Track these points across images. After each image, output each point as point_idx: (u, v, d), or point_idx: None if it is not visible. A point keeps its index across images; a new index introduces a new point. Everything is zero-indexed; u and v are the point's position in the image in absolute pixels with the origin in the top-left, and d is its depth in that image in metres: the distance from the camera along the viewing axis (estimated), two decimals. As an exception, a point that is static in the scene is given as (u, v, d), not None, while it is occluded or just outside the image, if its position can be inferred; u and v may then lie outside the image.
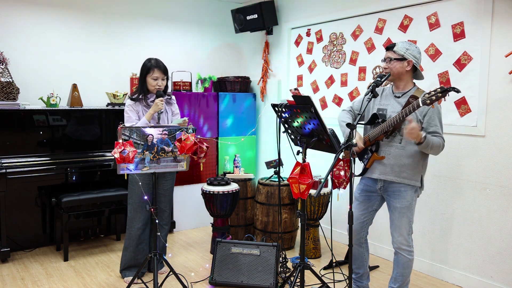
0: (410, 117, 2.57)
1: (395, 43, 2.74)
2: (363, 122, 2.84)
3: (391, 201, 2.81)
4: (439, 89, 2.46)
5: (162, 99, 3.19)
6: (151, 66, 3.24)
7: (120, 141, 2.67)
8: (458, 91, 2.42)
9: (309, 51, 4.65)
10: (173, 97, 3.48)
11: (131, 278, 3.34)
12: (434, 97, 2.46)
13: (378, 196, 2.91)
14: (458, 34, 3.32)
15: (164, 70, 3.27)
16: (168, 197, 3.42)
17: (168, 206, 3.45)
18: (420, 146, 2.62)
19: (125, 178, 2.88)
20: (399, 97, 2.79)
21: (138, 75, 3.47)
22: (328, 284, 3.05)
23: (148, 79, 3.25)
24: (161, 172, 3.22)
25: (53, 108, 4.01)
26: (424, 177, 2.83)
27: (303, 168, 2.42)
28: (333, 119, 3.58)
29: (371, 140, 2.79)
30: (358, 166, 2.91)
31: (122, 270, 3.42)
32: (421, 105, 2.50)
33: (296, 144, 2.72)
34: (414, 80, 2.82)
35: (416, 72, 2.79)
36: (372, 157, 2.80)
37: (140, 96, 3.29)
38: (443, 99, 2.52)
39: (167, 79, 3.34)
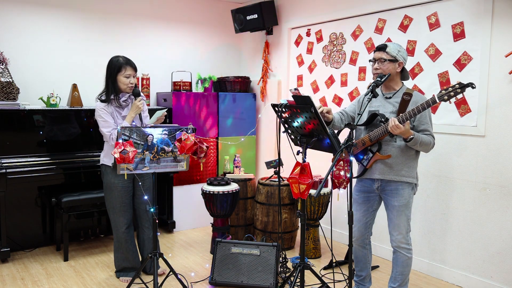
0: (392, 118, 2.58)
1: (386, 44, 2.74)
2: (360, 123, 2.84)
3: (389, 200, 2.82)
4: (457, 85, 2.45)
5: (141, 98, 3.11)
6: (122, 63, 3.12)
7: (120, 141, 2.67)
8: (474, 87, 2.44)
9: (309, 51, 4.65)
10: (142, 94, 3.36)
11: (126, 277, 3.37)
12: (452, 93, 2.45)
13: (376, 196, 2.91)
14: (458, 34, 3.32)
15: (135, 67, 3.19)
16: (148, 197, 3.34)
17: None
18: (409, 143, 2.64)
19: (125, 178, 2.88)
20: (389, 97, 2.80)
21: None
22: (328, 284, 3.05)
23: (120, 78, 3.12)
24: (139, 174, 3.15)
25: (53, 108, 4.01)
26: (419, 174, 2.86)
27: (303, 168, 2.42)
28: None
29: (372, 141, 2.78)
30: (354, 168, 2.90)
31: (116, 271, 3.44)
32: (437, 101, 2.50)
33: (296, 144, 2.72)
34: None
35: (403, 73, 2.81)
36: (374, 157, 2.80)
37: (112, 97, 3.16)
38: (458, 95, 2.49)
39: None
